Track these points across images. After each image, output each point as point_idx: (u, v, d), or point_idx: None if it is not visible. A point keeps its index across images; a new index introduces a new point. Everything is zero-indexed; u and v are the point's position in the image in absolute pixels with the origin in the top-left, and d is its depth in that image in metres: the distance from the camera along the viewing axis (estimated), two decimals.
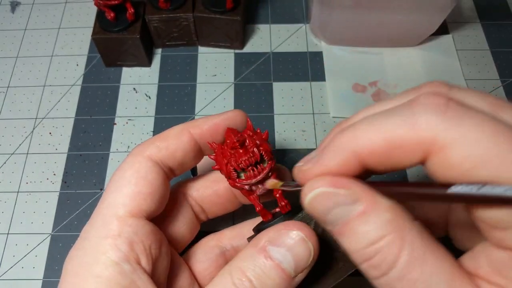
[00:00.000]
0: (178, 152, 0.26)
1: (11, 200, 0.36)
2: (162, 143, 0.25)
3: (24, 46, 0.44)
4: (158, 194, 0.24)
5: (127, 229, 0.23)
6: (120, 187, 0.24)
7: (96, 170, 0.37)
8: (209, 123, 0.26)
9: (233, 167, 0.24)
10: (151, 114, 0.40)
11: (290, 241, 0.22)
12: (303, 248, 0.22)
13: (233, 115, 0.27)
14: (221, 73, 0.42)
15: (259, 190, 0.25)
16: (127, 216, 0.23)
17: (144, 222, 0.23)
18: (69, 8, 0.46)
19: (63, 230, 0.34)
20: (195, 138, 0.26)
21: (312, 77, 0.41)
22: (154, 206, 0.24)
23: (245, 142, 0.24)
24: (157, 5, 0.39)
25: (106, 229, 0.23)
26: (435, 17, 0.39)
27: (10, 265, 0.33)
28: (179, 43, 0.43)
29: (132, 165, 0.24)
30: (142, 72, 0.42)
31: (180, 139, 0.26)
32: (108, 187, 0.24)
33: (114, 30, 0.38)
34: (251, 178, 0.24)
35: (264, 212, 0.25)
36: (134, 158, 0.25)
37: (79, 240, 0.24)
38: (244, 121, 0.27)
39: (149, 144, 0.25)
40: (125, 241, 0.22)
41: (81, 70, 0.42)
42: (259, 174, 0.24)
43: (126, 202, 0.23)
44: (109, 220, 0.23)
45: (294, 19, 0.45)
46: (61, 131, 0.39)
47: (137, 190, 0.24)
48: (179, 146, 0.26)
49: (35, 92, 0.41)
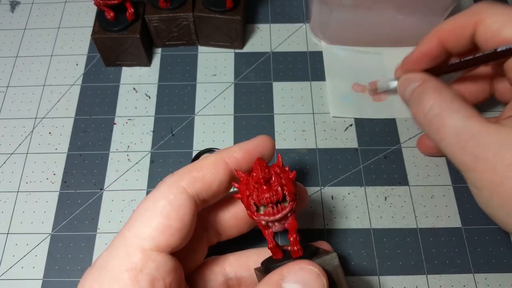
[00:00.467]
0: (215, 182, 0.25)
1: (11, 200, 0.36)
2: (199, 174, 0.24)
3: (24, 45, 0.44)
4: (187, 230, 0.23)
5: (151, 264, 0.22)
6: (149, 218, 0.23)
7: (96, 170, 0.37)
8: (243, 151, 0.26)
9: (254, 201, 0.24)
10: (151, 114, 0.40)
11: (305, 276, 0.22)
12: (317, 283, 0.22)
13: (263, 140, 0.27)
14: (221, 73, 0.42)
15: (275, 228, 0.24)
16: (152, 250, 0.22)
17: (168, 258, 0.23)
18: (69, 7, 0.46)
19: (63, 230, 0.34)
20: (231, 167, 0.25)
21: (312, 77, 0.41)
22: (180, 242, 0.23)
23: (271, 179, 0.24)
24: (157, 5, 0.39)
25: (128, 261, 0.22)
26: (435, 17, 0.39)
27: (10, 265, 0.33)
28: (179, 43, 0.43)
29: (166, 195, 0.23)
30: (142, 72, 0.42)
31: (216, 169, 0.25)
32: (135, 214, 0.23)
33: (114, 30, 0.38)
34: (269, 215, 0.23)
35: (276, 250, 0.25)
36: (168, 189, 0.24)
37: (96, 270, 0.22)
38: (273, 146, 0.27)
39: (185, 174, 0.24)
40: (147, 277, 0.21)
41: (81, 69, 0.42)
42: (278, 213, 0.23)
43: (154, 235, 0.22)
44: (132, 251, 0.22)
45: (294, 18, 0.45)
46: (61, 130, 0.39)
47: (168, 223, 0.23)
48: (216, 177, 0.25)
49: (34, 91, 0.41)
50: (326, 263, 0.24)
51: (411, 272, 0.33)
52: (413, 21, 0.39)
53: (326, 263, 0.24)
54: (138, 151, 0.38)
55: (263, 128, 0.39)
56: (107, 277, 0.22)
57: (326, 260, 0.24)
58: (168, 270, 0.22)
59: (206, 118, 0.39)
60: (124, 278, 0.21)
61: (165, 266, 0.22)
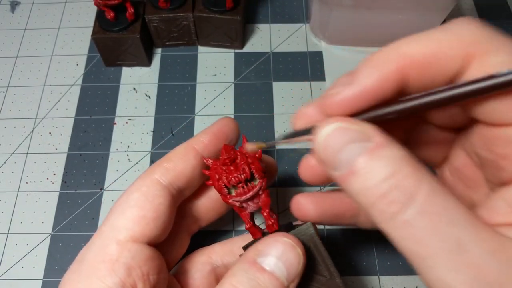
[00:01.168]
0: (187, 170, 0.25)
1: (11, 200, 0.36)
2: (169, 164, 0.25)
3: (24, 45, 0.44)
4: (163, 220, 0.24)
5: (126, 254, 0.22)
6: (124, 210, 0.23)
7: (96, 170, 0.37)
8: (209, 135, 0.26)
9: (224, 183, 0.24)
10: (151, 114, 0.40)
11: (279, 248, 0.22)
12: (293, 254, 0.22)
13: (226, 122, 0.27)
14: (221, 73, 0.42)
15: (249, 208, 0.25)
16: (127, 241, 0.22)
17: (144, 247, 0.23)
18: (69, 7, 0.46)
19: (63, 230, 0.34)
20: (200, 153, 0.26)
21: (312, 77, 0.41)
22: (157, 232, 0.23)
23: (236, 159, 0.24)
24: (157, 5, 0.39)
25: (104, 252, 0.22)
26: (435, 17, 0.39)
27: (10, 265, 0.33)
28: (179, 43, 0.43)
29: (139, 188, 0.24)
30: (142, 72, 0.42)
31: (186, 156, 0.25)
32: (112, 209, 0.24)
33: (114, 30, 0.38)
34: (241, 195, 0.24)
35: (254, 230, 0.25)
36: (142, 181, 0.24)
37: (75, 263, 0.23)
38: (236, 128, 0.27)
39: (157, 166, 0.25)
40: (123, 266, 0.22)
41: (81, 70, 0.42)
42: (249, 191, 0.24)
43: (129, 226, 0.23)
44: (108, 243, 0.22)
45: (294, 19, 0.45)
46: (61, 131, 0.39)
47: (142, 214, 0.23)
48: (187, 164, 0.25)
49: (35, 92, 0.41)
50: (301, 233, 0.24)
51: (411, 272, 0.33)
52: (413, 21, 0.39)
53: (301, 233, 0.24)
54: (138, 151, 0.38)
55: (263, 128, 0.39)
56: (84, 268, 0.22)
57: (302, 230, 0.24)
58: (145, 258, 0.23)
59: (206, 118, 0.39)
60: (101, 269, 0.22)
61: (141, 255, 0.22)
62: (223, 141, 0.26)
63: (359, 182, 0.17)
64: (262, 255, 0.22)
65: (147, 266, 0.23)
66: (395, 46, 0.18)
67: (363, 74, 0.17)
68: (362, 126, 0.17)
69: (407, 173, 0.16)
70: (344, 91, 0.18)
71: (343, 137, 0.17)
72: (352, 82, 0.17)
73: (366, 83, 0.17)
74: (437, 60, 0.17)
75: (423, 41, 0.18)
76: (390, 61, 0.17)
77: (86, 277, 0.22)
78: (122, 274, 0.21)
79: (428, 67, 0.17)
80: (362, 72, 0.18)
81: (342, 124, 0.17)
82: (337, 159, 0.17)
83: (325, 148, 0.18)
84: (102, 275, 0.21)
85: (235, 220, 0.34)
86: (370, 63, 0.18)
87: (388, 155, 0.16)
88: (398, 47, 0.18)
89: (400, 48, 0.18)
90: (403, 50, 0.18)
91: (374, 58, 0.18)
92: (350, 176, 0.17)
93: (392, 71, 0.17)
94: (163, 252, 0.25)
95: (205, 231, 0.31)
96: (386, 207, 0.16)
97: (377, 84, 0.17)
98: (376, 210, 0.17)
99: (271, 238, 0.22)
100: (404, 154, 0.17)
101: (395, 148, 0.17)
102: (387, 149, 0.17)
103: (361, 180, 0.17)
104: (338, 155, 0.17)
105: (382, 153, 0.17)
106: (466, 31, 0.17)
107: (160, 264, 0.24)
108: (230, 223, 0.34)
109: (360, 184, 0.17)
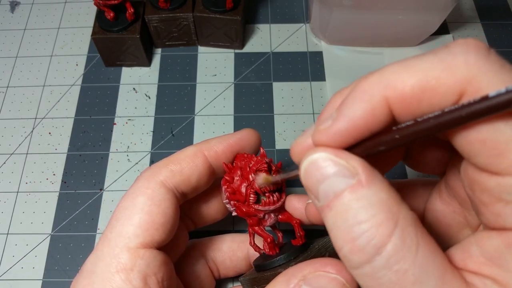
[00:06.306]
0: (193, 176, 0.24)
1: (10, 200, 0.36)
2: (176, 167, 0.24)
3: (24, 46, 0.44)
4: (171, 224, 0.23)
5: (140, 261, 0.21)
6: (130, 215, 0.22)
7: (96, 170, 0.37)
8: (224, 144, 0.25)
9: (255, 190, 0.23)
10: (151, 114, 0.39)
11: (329, 285, 0.19)
12: None
13: (247, 135, 0.25)
14: (221, 73, 0.42)
15: (270, 220, 0.23)
16: (138, 248, 0.22)
17: (156, 253, 0.22)
18: (69, 8, 0.46)
19: (63, 230, 0.34)
20: (210, 160, 0.25)
21: (312, 77, 0.41)
22: (166, 236, 0.23)
23: (272, 168, 0.23)
24: (157, 5, 0.39)
25: (116, 262, 0.21)
26: (435, 17, 0.39)
27: (10, 265, 0.33)
28: (179, 43, 0.43)
29: (144, 190, 0.23)
30: (142, 72, 0.42)
31: (194, 162, 0.24)
32: (115, 214, 0.23)
33: (113, 30, 0.38)
34: (269, 204, 0.23)
35: (273, 245, 0.23)
36: (147, 183, 0.23)
37: (85, 273, 0.22)
38: (258, 141, 0.26)
39: (162, 167, 0.24)
40: (139, 275, 0.21)
41: (81, 70, 0.42)
42: (278, 201, 0.23)
43: (138, 232, 0.22)
44: (118, 252, 0.21)
45: (294, 19, 0.45)
46: (61, 131, 0.39)
47: (151, 219, 0.22)
48: (194, 170, 0.24)
49: (34, 92, 0.41)
50: (327, 245, 0.23)
51: None
52: (413, 21, 0.39)
53: (327, 245, 0.23)
54: (138, 151, 0.38)
55: (263, 128, 0.39)
56: (98, 280, 0.21)
57: (327, 243, 0.23)
58: (158, 264, 0.22)
59: (206, 118, 0.39)
60: (116, 280, 0.21)
61: (155, 262, 0.22)
62: (235, 155, 0.25)
63: (333, 218, 0.16)
64: (308, 285, 0.20)
65: (161, 272, 0.22)
66: (382, 74, 0.16)
67: (349, 108, 0.17)
68: (347, 159, 0.17)
69: (381, 221, 0.15)
70: (331, 127, 0.17)
71: (326, 168, 0.17)
72: (338, 118, 0.17)
73: (353, 117, 0.16)
74: (425, 95, 0.15)
75: (412, 71, 0.16)
76: (375, 93, 0.16)
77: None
78: (139, 284, 0.21)
79: (416, 100, 0.16)
80: (347, 106, 0.17)
81: (328, 154, 0.17)
82: (319, 189, 0.17)
83: (308, 176, 0.17)
84: (118, 286, 0.21)
85: (235, 220, 0.34)
86: (356, 94, 0.17)
87: (367, 197, 0.16)
88: (385, 76, 0.16)
89: (387, 78, 0.16)
90: (390, 81, 0.16)
91: (360, 89, 0.17)
92: (327, 209, 0.17)
93: (379, 102, 0.16)
94: (167, 253, 0.25)
95: (205, 231, 0.31)
96: (352, 255, 0.16)
97: (364, 117, 0.16)
98: (343, 254, 0.16)
99: (321, 268, 0.20)
100: (383, 197, 0.16)
101: (376, 189, 0.16)
102: (367, 190, 0.16)
103: (335, 218, 0.16)
104: (320, 185, 0.17)
105: (361, 193, 0.16)
106: (461, 63, 0.15)
107: (171, 268, 0.23)
108: (230, 223, 0.34)
109: (334, 221, 0.16)
